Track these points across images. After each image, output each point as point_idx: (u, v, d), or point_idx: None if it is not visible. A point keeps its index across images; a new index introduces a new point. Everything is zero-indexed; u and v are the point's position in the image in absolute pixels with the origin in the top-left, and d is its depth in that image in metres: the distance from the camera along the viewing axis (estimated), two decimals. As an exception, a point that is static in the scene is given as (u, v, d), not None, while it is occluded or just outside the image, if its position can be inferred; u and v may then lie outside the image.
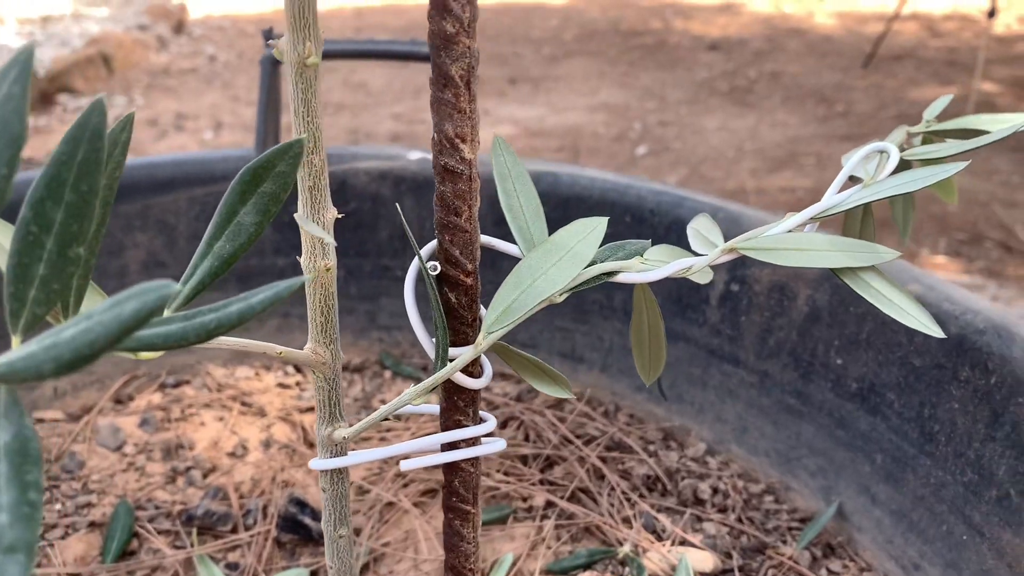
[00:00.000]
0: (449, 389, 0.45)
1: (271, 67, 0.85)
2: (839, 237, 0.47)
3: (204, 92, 3.74)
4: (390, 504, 0.75)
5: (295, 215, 0.35)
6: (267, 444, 0.81)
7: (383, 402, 0.88)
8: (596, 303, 0.87)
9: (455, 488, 0.48)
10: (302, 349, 0.93)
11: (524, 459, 0.80)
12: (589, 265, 0.42)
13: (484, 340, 0.40)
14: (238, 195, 0.33)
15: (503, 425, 0.84)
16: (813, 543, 0.72)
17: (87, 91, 3.53)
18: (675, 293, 0.82)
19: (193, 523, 0.72)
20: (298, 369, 0.90)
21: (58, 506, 0.72)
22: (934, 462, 0.65)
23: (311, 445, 0.80)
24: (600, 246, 0.44)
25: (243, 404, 0.84)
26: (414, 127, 3.45)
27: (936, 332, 0.47)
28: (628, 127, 3.50)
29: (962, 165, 0.46)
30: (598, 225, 0.42)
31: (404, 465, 0.44)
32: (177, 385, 0.87)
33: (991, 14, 3.14)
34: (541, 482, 0.78)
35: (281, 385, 0.87)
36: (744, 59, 4.16)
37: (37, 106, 3.41)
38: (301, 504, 0.72)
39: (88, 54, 3.51)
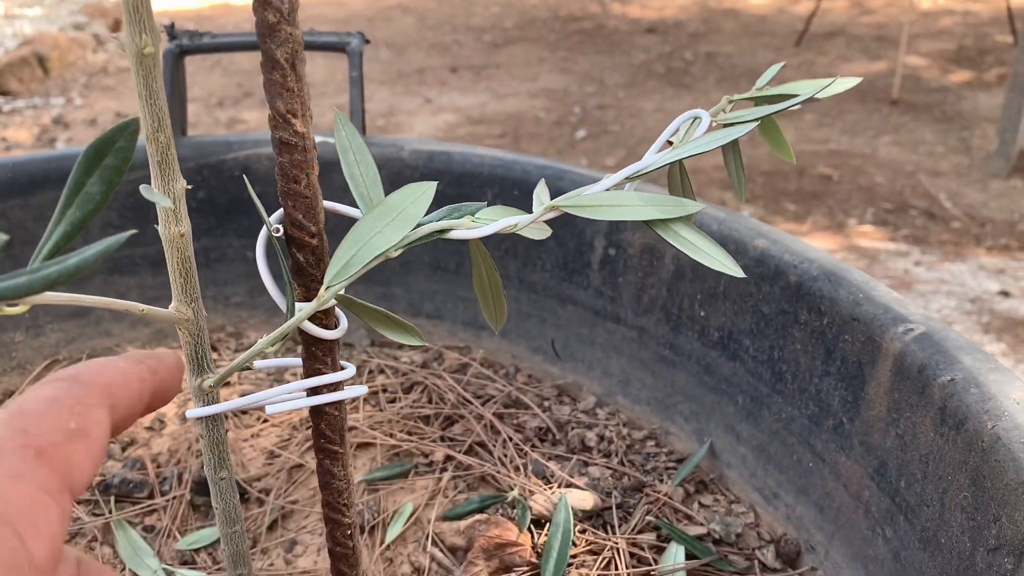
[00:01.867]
0: (307, 341, 0.50)
1: (174, 60, 0.90)
2: (650, 194, 0.53)
3: (143, 90, 3.72)
4: (298, 466, 0.80)
5: (141, 187, 0.40)
6: (183, 418, 0.85)
7: (294, 375, 0.93)
8: (492, 273, 0.93)
9: (322, 431, 0.53)
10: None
11: (426, 419, 0.86)
12: (424, 224, 0.48)
13: (326, 293, 0.45)
14: (84, 168, 0.38)
15: (408, 390, 0.90)
16: (687, 480, 0.79)
17: (23, 92, 3.50)
18: (562, 260, 0.88)
19: (111, 492, 0.77)
20: (215, 348, 0.94)
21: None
22: (784, 399, 0.72)
23: (226, 418, 0.85)
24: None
25: (160, 381, 0.89)
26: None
27: (736, 272, 0.53)
28: (568, 112, 3.56)
29: (748, 128, 0.52)
30: (427, 189, 0.48)
31: (269, 409, 0.49)
32: (97, 367, 0.91)
33: (910, -10, 3.25)
34: (441, 439, 0.83)
35: (197, 362, 0.91)
36: (680, 41, 4.24)
37: (-28, 109, 3.37)
38: (213, 468, 0.77)
39: (22, 55, 3.47)
